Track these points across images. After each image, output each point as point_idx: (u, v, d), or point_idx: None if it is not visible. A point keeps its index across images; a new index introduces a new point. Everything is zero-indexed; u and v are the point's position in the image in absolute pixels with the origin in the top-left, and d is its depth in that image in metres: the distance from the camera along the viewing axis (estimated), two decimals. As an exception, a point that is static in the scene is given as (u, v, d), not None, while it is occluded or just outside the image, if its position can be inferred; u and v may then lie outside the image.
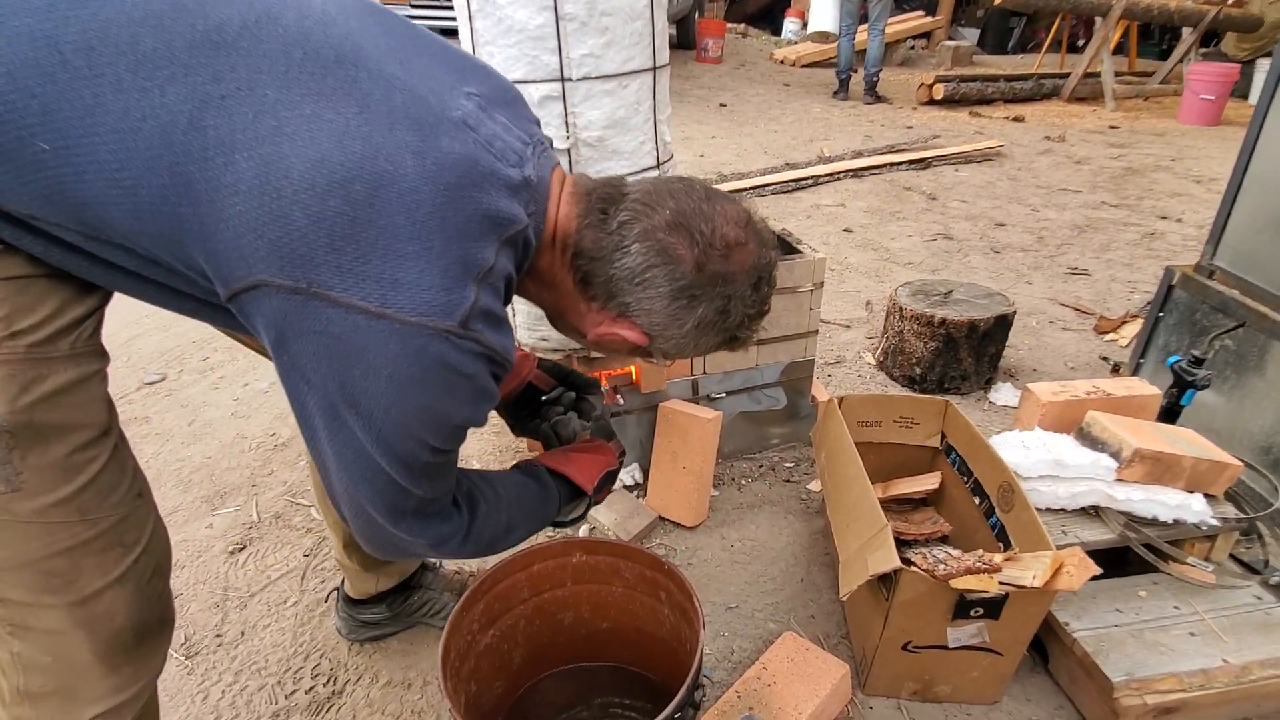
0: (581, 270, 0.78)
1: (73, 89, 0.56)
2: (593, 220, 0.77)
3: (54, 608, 0.70)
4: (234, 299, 0.62)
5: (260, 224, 0.58)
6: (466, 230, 0.64)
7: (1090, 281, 2.99)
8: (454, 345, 0.64)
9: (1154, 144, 5.21)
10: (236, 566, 1.60)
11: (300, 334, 0.62)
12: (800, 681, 1.20)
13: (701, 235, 0.75)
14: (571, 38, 1.19)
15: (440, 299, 0.62)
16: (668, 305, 0.77)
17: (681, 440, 1.65)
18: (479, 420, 0.73)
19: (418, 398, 0.65)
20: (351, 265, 0.60)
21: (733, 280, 0.78)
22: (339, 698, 1.30)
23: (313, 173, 0.58)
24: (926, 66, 8.43)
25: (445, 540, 0.80)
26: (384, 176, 0.60)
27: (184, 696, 1.31)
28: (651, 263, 0.75)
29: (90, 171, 0.57)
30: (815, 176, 4.29)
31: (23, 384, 0.63)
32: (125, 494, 0.73)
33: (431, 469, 0.72)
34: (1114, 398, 1.54)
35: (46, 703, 0.74)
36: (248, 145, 0.58)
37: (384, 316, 0.61)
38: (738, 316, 0.80)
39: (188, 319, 0.77)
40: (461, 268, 0.64)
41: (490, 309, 0.67)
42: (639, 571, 1.10)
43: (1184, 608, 1.29)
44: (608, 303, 0.79)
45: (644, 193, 0.78)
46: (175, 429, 2.10)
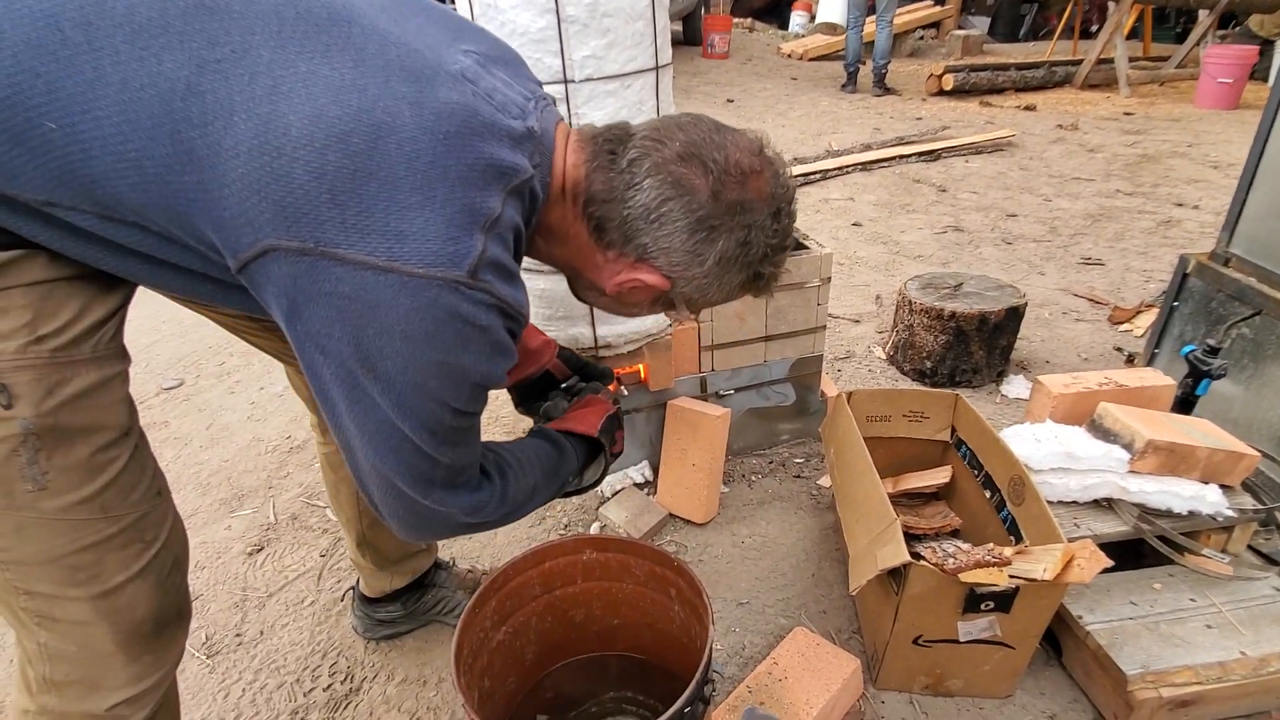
0: (595, 217, 0.76)
1: (74, 65, 0.56)
2: (601, 162, 0.75)
3: (79, 600, 0.72)
4: (244, 269, 0.62)
5: (263, 184, 0.58)
6: (469, 179, 0.63)
7: (1104, 271, 2.95)
8: (465, 296, 0.63)
9: (1170, 130, 5.13)
10: (255, 567, 1.63)
11: (311, 298, 0.61)
12: (811, 676, 1.21)
13: (715, 163, 0.73)
14: (573, 40, 1.20)
15: (447, 249, 0.61)
16: (686, 240, 0.74)
17: (691, 437, 1.66)
18: (497, 378, 0.72)
19: (433, 353, 0.64)
20: (355, 220, 0.59)
21: (751, 209, 0.75)
22: (356, 695, 1.32)
23: (311, 128, 0.58)
24: (936, 57, 8.35)
25: (480, 507, 0.80)
26: (382, 128, 0.60)
27: (205, 695, 1.33)
28: (666, 196, 0.72)
29: (96, 146, 0.58)
30: (823, 171, 4.27)
31: (48, 387, 0.65)
32: (145, 492, 0.76)
33: (455, 434, 0.72)
34: (1127, 389, 1.53)
35: (71, 690, 0.77)
36: (245, 107, 0.58)
37: (392, 270, 0.60)
38: (760, 248, 0.77)
39: (206, 325, 0.78)
40: (467, 217, 0.63)
41: (499, 260, 0.66)
42: (649, 568, 1.11)
43: (1200, 600, 1.28)
44: (625, 247, 0.76)
45: (652, 129, 0.76)
46: (193, 433, 2.14)
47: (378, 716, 1.28)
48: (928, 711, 1.24)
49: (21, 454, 0.65)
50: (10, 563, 0.69)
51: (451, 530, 0.81)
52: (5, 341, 0.63)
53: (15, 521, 0.67)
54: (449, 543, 1.66)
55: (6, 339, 0.63)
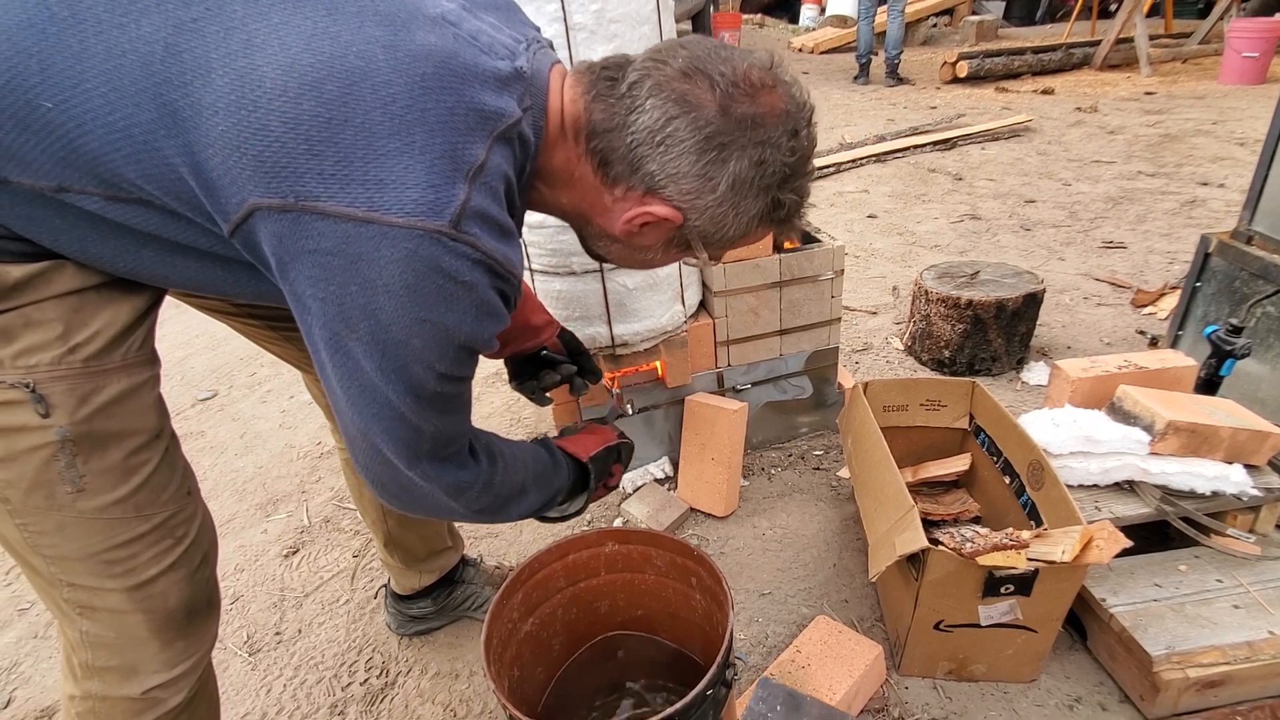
0: (598, 150, 0.71)
1: (61, 40, 0.57)
2: (600, 90, 0.71)
3: (116, 591, 0.77)
4: (236, 233, 0.61)
5: (242, 140, 0.57)
6: (450, 123, 0.61)
7: (1127, 254, 2.91)
8: (446, 248, 0.61)
9: (1193, 108, 5.02)
10: (291, 569, 1.69)
11: (296, 256, 0.60)
12: (834, 663, 1.22)
13: (722, 76, 0.67)
14: (581, 46, 1.23)
15: (428, 196, 0.59)
16: (696, 161, 0.69)
17: (709, 432, 1.68)
18: (484, 340, 0.69)
19: (415, 310, 0.62)
20: (334, 170, 0.58)
21: (764, 124, 0.69)
22: (391, 689, 1.37)
23: (284, 78, 0.57)
24: (950, 44, 8.26)
25: (464, 489, 0.78)
26: (356, 73, 0.58)
27: (249, 691, 1.39)
28: (670, 114, 0.67)
29: (88, 121, 0.58)
30: (837, 164, 4.26)
31: (81, 396, 0.68)
32: (176, 491, 0.80)
33: (440, 400, 0.70)
34: (1147, 371, 1.52)
35: (111, 675, 0.81)
36: (222, 63, 0.57)
37: (372, 221, 0.58)
38: (777, 170, 0.71)
39: (237, 338, 0.80)
40: (449, 163, 0.60)
41: (486, 211, 0.63)
42: (670, 559, 1.14)
43: (1227, 580, 1.27)
44: (631, 179, 0.71)
45: (653, 50, 0.71)
46: (228, 442, 2.22)
47: (413, 709, 1.32)
48: (951, 696, 1.25)
49: (60, 459, 0.69)
50: (54, 558, 0.74)
51: (433, 509, 0.80)
52: (41, 353, 0.66)
53: (57, 521, 0.72)
54: (476, 540, 1.71)
55: (42, 350, 0.66)
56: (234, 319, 1.00)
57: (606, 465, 1.06)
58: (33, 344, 0.66)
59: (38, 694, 1.44)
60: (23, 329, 0.65)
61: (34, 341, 0.66)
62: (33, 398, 0.66)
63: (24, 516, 0.71)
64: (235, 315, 0.99)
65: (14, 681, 1.47)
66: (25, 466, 0.69)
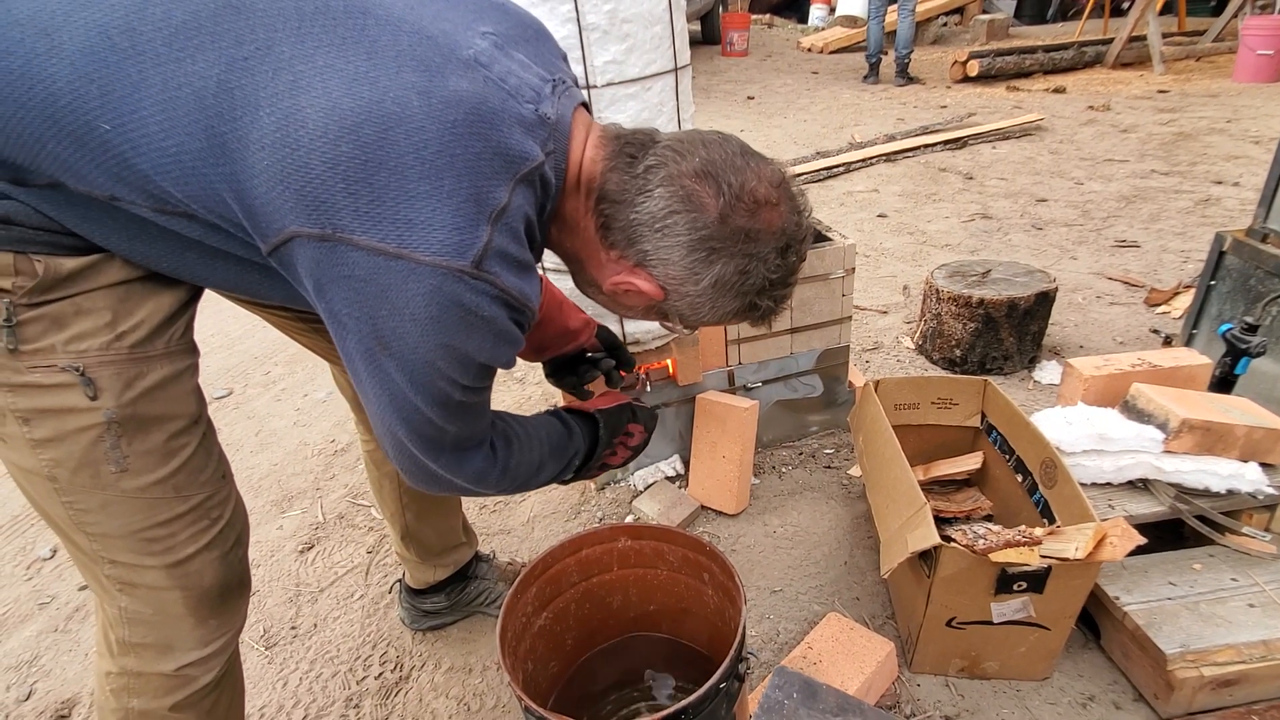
0: (603, 215, 0.77)
1: (121, 69, 0.61)
2: (620, 164, 0.75)
3: (155, 569, 0.80)
4: (274, 254, 0.66)
5: (284, 175, 0.61)
6: (477, 168, 0.65)
7: (1140, 253, 2.89)
8: (468, 286, 0.65)
9: (1207, 106, 4.98)
10: (306, 564, 1.71)
11: (332, 280, 0.65)
12: (845, 660, 1.23)
13: (729, 186, 0.73)
14: (594, 46, 1.24)
15: (453, 239, 0.63)
16: (685, 256, 0.75)
17: (720, 430, 1.69)
18: (504, 361, 0.75)
19: (439, 337, 0.67)
20: (368, 208, 0.62)
21: (757, 239, 0.75)
22: (406, 683, 1.38)
23: (326, 121, 0.61)
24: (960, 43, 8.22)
25: (483, 476, 0.84)
26: (391, 118, 0.62)
27: (265, 684, 1.41)
28: (673, 208, 0.73)
29: (143, 144, 0.62)
30: (847, 163, 4.25)
31: (127, 380, 0.73)
32: (212, 475, 0.83)
33: (464, 408, 0.75)
34: (1161, 369, 1.51)
35: (147, 652, 0.85)
36: (269, 101, 0.61)
37: (402, 257, 0.63)
38: (758, 281, 0.77)
39: (251, 337, 0.83)
40: (474, 206, 0.65)
41: (507, 251, 0.68)
42: (682, 554, 1.14)
43: (1242, 579, 1.26)
44: (626, 250, 0.77)
45: (676, 140, 0.76)
46: (244, 439, 2.24)
47: (427, 703, 1.34)
48: (964, 694, 1.25)
49: (105, 440, 0.73)
50: (97, 535, 0.77)
51: (456, 491, 0.86)
52: (90, 339, 0.70)
53: (101, 499, 0.75)
54: (490, 537, 1.72)
55: (91, 337, 0.70)
56: (267, 311, 1.04)
57: (620, 422, 1.07)
58: (83, 330, 0.70)
59: (58, 686, 1.46)
60: (74, 316, 0.69)
61: (84, 328, 0.70)
62: (82, 381, 0.70)
63: (70, 495, 0.75)
64: (270, 308, 1.03)
65: (35, 674, 1.50)
66: (73, 446, 0.72)
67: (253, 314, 1.05)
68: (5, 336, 0.67)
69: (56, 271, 0.68)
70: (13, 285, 0.66)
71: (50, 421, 0.71)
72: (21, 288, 0.66)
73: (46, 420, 0.71)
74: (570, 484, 1.12)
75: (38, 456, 0.73)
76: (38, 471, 0.74)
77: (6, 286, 0.66)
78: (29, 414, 0.71)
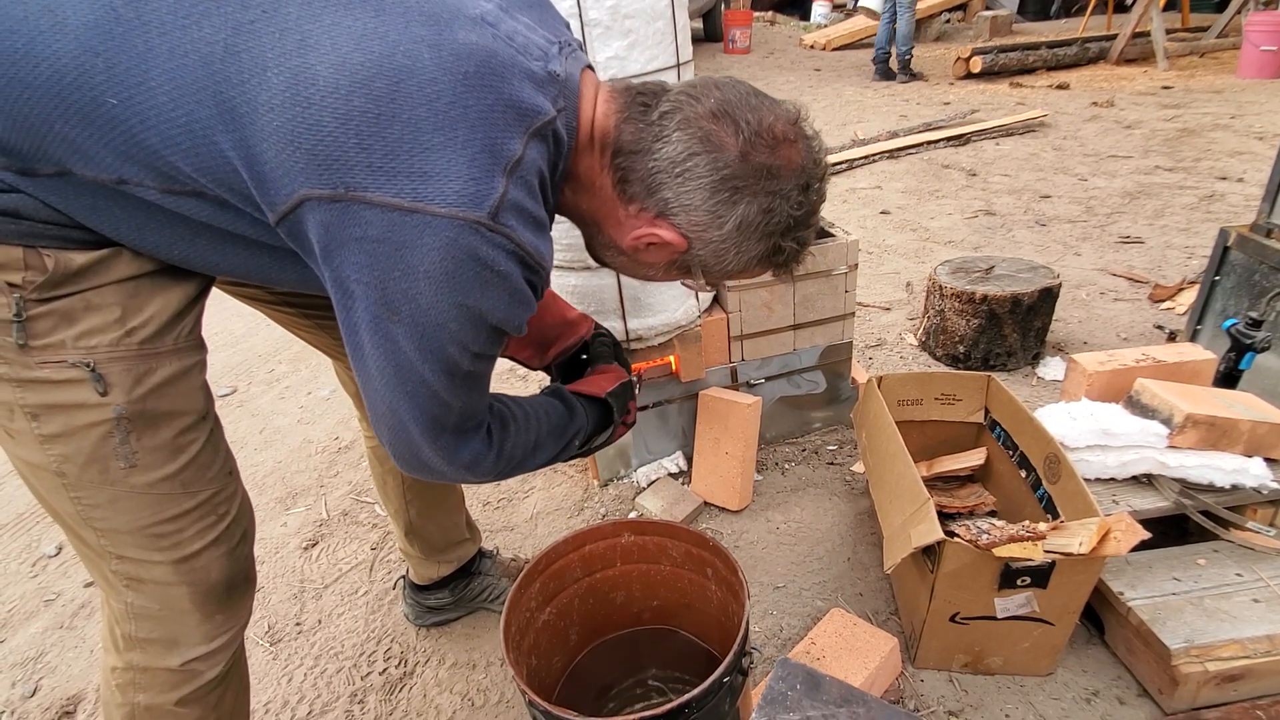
0: (620, 168, 0.75)
1: (127, 40, 0.60)
2: (634, 113, 0.74)
3: (162, 564, 0.80)
4: (283, 222, 0.65)
5: (295, 135, 0.61)
6: (490, 119, 0.64)
7: (1144, 249, 2.89)
8: (485, 238, 0.64)
9: (1211, 102, 4.96)
10: (310, 561, 1.71)
11: (342, 243, 0.64)
12: (849, 655, 1.23)
13: (747, 124, 0.72)
14: (597, 42, 1.24)
15: (469, 189, 0.63)
16: (708, 198, 0.73)
17: (723, 426, 1.69)
18: (515, 324, 0.73)
19: (453, 295, 0.66)
20: (381, 162, 0.61)
21: (778, 176, 0.73)
22: (410, 678, 1.39)
23: (336, 76, 0.60)
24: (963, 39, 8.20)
25: (478, 461, 0.82)
26: (403, 70, 0.61)
27: (270, 679, 1.41)
28: (693, 150, 0.71)
29: (151, 116, 0.61)
30: (850, 160, 4.24)
31: (137, 376, 0.73)
32: (219, 471, 0.84)
33: (471, 379, 0.74)
34: (1165, 364, 1.51)
35: (153, 647, 0.85)
36: (277, 63, 0.61)
37: (417, 211, 0.62)
38: (782, 219, 0.75)
39: (255, 335, 0.83)
40: (489, 157, 0.64)
41: (522, 205, 0.67)
42: (685, 550, 1.14)
43: (1247, 575, 1.26)
44: (646, 200, 0.75)
45: (688, 85, 0.75)
46: (248, 437, 2.25)
47: (431, 698, 1.34)
48: (967, 689, 1.25)
49: (115, 436, 0.73)
50: (105, 531, 0.78)
51: (448, 479, 0.84)
52: (100, 335, 0.70)
53: (110, 495, 0.76)
54: (493, 533, 1.73)
55: (101, 333, 0.70)
56: (271, 307, 1.04)
57: (624, 402, 1.06)
58: (93, 326, 0.70)
59: (63, 683, 1.47)
60: (84, 312, 0.69)
61: (94, 324, 0.70)
62: (92, 376, 0.70)
63: (79, 490, 0.75)
64: (272, 304, 1.03)
65: (40, 671, 1.50)
66: (83, 442, 0.72)
67: (257, 311, 1.05)
68: (15, 331, 0.67)
69: (66, 267, 0.68)
70: (22, 280, 0.66)
71: (60, 417, 0.71)
72: (31, 283, 0.66)
73: (56, 416, 0.71)
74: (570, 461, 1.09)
75: (46, 452, 0.73)
76: (46, 467, 0.74)
77: (16, 281, 0.66)
78: (38, 409, 0.71)
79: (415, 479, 1.27)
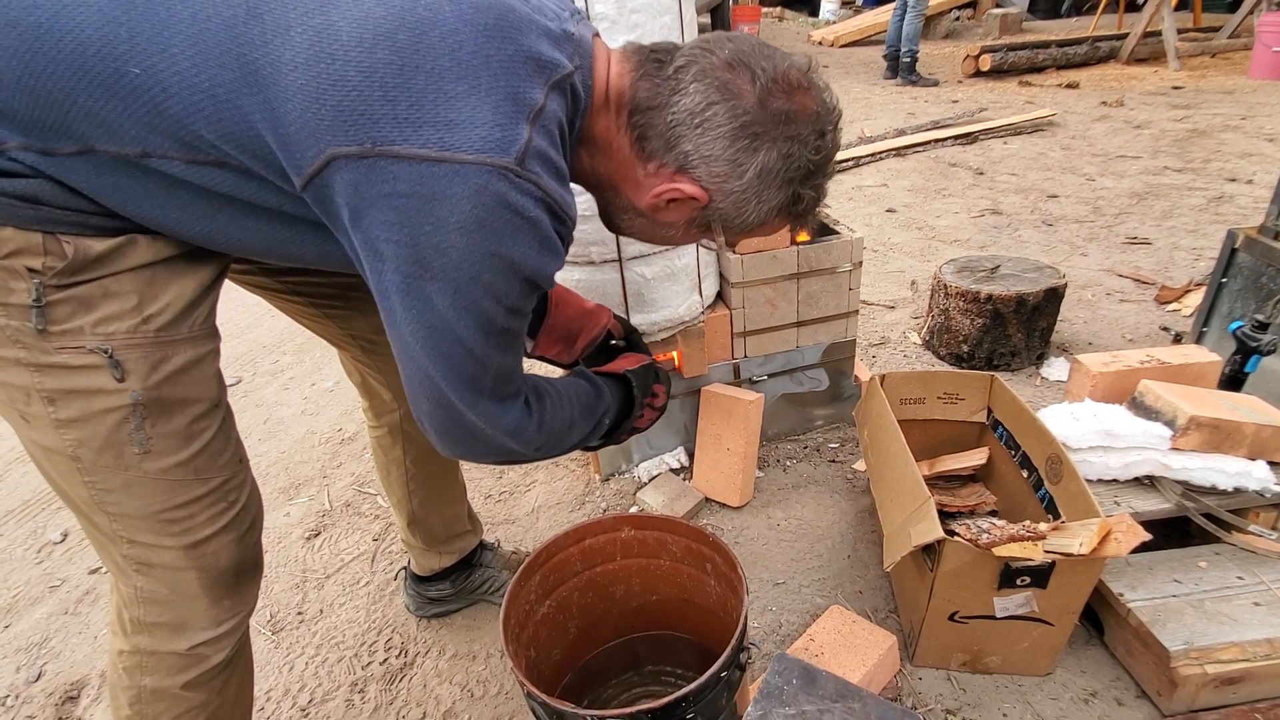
0: (638, 126, 0.76)
1: (149, 8, 0.61)
2: (649, 70, 0.75)
3: (172, 549, 0.81)
4: (309, 186, 0.65)
5: (321, 91, 0.61)
6: (511, 68, 0.66)
7: (1151, 250, 2.87)
8: (513, 184, 0.65)
9: (1222, 103, 4.92)
10: (313, 551, 1.72)
11: (371, 201, 0.64)
12: (847, 652, 1.23)
13: (764, 71, 0.72)
14: (603, 36, 1.23)
15: (495, 134, 0.64)
16: (729, 147, 0.73)
17: (725, 422, 1.69)
18: (547, 275, 0.73)
19: (485, 244, 0.66)
20: (407, 114, 0.62)
21: (796, 121, 0.74)
22: (410, 669, 1.39)
23: (359, 30, 0.62)
24: (972, 37, 8.15)
25: (521, 428, 0.82)
26: (424, 23, 0.63)
27: (272, 668, 1.42)
28: (711, 99, 0.72)
29: (174, 84, 0.62)
30: (856, 158, 4.23)
31: (153, 363, 0.74)
32: (230, 458, 0.85)
33: (505, 336, 0.74)
34: (1169, 366, 1.50)
35: (161, 631, 0.86)
36: (300, 21, 0.62)
37: (445, 160, 0.62)
38: (802, 165, 0.76)
39: (260, 326, 0.84)
40: (512, 104, 0.65)
41: (546, 153, 0.68)
42: (685, 545, 1.15)
43: (1248, 578, 1.26)
44: (666, 155, 0.76)
45: (701, 40, 0.76)
46: (251, 427, 2.26)
47: (431, 689, 1.35)
48: (965, 688, 1.25)
49: (130, 422, 0.74)
50: (117, 515, 0.79)
51: (493, 452, 0.83)
52: (118, 322, 0.71)
53: (123, 480, 0.76)
54: (494, 526, 1.73)
55: (119, 320, 0.71)
56: (279, 296, 1.04)
57: (647, 382, 1.06)
58: (110, 313, 0.71)
59: (67, 668, 1.48)
60: (102, 299, 0.70)
61: (111, 311, 0.71)
62: (109, 363, 0.71)
63: (93, 475, 0.76)
64: (280, 293, 1.03)
65: (45, 656, 1.52)
66: (99, 427, 0.73)
67: (265, 300, 1.06)
68: (34, 317, 0.68)
69: (85, 253, 0.68)
70: (42, 265, 0.67)
71: (76, 402, 0.72)
72: (51, 268, 0.67)
73: (72, 401, 0.72)
74: (598, 450, 1.09)
75: (62, 437, 0.74)
76: (61, 451, 0.75)
77: (36, 267, 0.66)
78: (55, 394, 0.72)
79: (419, 469, 1.27)
